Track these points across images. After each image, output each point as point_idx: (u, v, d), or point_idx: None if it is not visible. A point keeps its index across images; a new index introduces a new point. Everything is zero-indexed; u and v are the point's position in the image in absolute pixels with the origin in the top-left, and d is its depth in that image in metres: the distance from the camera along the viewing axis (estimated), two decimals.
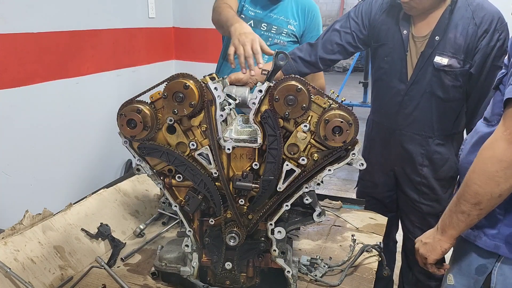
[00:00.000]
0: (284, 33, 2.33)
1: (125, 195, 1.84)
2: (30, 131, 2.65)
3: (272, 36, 2.34)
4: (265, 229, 1.28)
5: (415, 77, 1.94)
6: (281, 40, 2.34)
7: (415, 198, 2.11)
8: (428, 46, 1.90)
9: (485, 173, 1.10)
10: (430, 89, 1.93)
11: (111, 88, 3.20)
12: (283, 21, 2.33)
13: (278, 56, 1.31)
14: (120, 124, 1.20)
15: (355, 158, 1.18)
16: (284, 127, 1.20)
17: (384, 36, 2.02)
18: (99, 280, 1.41)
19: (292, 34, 2.34)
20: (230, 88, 1.55)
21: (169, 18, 3.83)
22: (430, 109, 1.96)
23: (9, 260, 1.32)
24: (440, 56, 1.87)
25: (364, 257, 1.55)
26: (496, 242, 1.20)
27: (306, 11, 2.34)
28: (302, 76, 2.15)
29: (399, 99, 2.00)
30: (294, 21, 2.33)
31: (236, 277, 1.35)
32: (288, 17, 2.33)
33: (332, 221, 1.85)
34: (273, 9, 2.35)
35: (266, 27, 2.35)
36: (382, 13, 2.02)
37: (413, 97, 1.97)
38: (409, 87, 1.96)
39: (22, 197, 2.62)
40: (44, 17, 2.64)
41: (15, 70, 2.51)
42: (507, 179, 1.07)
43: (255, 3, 2.35)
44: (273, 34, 2.35)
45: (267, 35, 2.35)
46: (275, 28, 2.35)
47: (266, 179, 1.21)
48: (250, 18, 2.37)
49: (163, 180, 1.28)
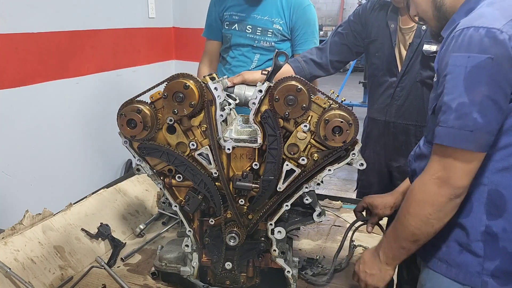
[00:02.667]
0: (269, 33, 2.31)
1: (125, 195, 1.84)
2: (30, 131, 2.65)
3: (258, 38, 2.34)
4: (265, 229, 1.28)
5: (405, 68, 1.99)
6: (267, 42, 2.33)
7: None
8: (415, 36, 1.95)
9: (419, 216, 1.14)
10: (420, 78, 1.97)
11: (111, 88, 3.20)
12: (268, 21, 2.31)
13: (278, 56, 1.31)
14: (120, 124, 1.20)
15: (355, 158, 1.18)
16: (284, 127, 1.20)
17: (375, 32, 2.08)
18: (99, 280, 1.41)
19: (279, 33, 2.31)
20: (241, 87, 1.56)
21: (169, 18, 3.83)
22: (421, 98, 2.00)
23: (9, 260, 1.32)
24: (428, 44, 1.92)
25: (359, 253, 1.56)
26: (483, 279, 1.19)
27: (292, 8, 2.30)
28: (314, 79, 2.19)
29: (391, 92, 2.05)
30: (280, 20, 2.30)
31: (236, 277, 1.35)
32: (273, 16, 2.30)
33: (332, 221, 1.85)
34: (256, 10, 2.33)
35: (251, 29, 2.34)
36: (374, 11, 2.10)
37: (404, 88, 2.01)
38: (400, 79, 2.01)
39: (22, 197, 2.62)
40: (44, 17, 2.64)
41: (15, 70, 2.51)
42: (440, 220, 1.12)
43: (238, 6, 2.36)
44: (258, 36, 2.34)
45: (252, 37, 2.35)
46: (260, 29, 2.33)
47: (266, 179, 1.21)
48: (234, 22, 2.38)
49: (163, 180, 1.28)
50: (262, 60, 2.38)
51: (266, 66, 2.38)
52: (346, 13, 13.67)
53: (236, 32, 2.39)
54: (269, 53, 2.35)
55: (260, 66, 2.37)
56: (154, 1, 3.57)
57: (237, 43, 2.40)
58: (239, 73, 1.67)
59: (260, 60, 2.38)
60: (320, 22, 14.67)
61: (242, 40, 2.38)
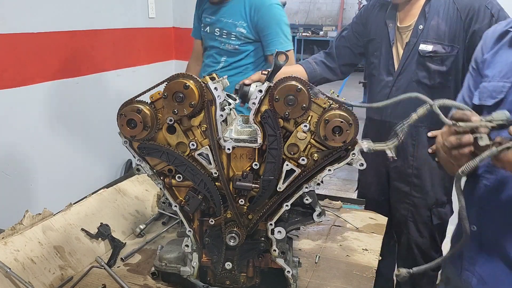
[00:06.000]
0: (233, 36, 2.33)
1: (125, 195, 1.84)
2: (30, 131, 2.65)
3: (224, 40, 2.36)
4: (265, 229, 1.28)
5: (401, 68, 2.00)
6: (231, 45, 2.35)
7: (406, 191, 2.13)
8: (412, 35, 1.96)
9: None
10: (416, 78, 1.98)
11: (111, 88, 3.20)
12: (232, 24, 2.32)
13: (278, 56, 1.31)
14: (120, 124, 1.20)
15: (355, 158, 1.18)
16: (284, 127, 1.20)
17: (374, 31, 2.09)
18: (99, 280, 1.40)
19: (242, 36, 2.32)
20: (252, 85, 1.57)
21: (169, 18, 3.84)
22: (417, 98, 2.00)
23: (9, 260, 1.32)
24: (425, 43, 1.93)
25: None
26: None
27: (253, 9, 2.28)
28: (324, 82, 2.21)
29: (387, 91, 2.06)
30: (243, 22, 2.30)
31: (236, 277, 1.35)
32: (237, 19, 2.31)
33: (332, 221, 1.85)
34: (222, 13, 2.35)
35: (219, 31, 2.38)
36: (374, 9, 2.12)
37: (400, 87, 2.02)
38: (396, 78, 2.02)
39: (22, 197, 2.62)
40: (44, 17, 2.64)
41: (15, 70, 2.51)
42: None
43: (210, 8, 2.40)
44: (224, 38, 2.36)
45: (220, 40, 2.38)
46: (226, 32, 2.36)
47: (266, 179, 1.21)
48: (207, 24, 2.42)
49: (163, 180, 1.28)
50: (228, 62, 2.42)
51: (233, 68, 2.41)
52: (346, 13, 13.66)
53: (207, 34, 2.45)
54: (234, 56, 2.39)
55: (227, 67, 2.41)
56: (154, 1, 3.58)
57: (209, 45, 2.48)
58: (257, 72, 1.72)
59: (226, 62, 2.41)
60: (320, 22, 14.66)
61: (212, 42, 2.44)
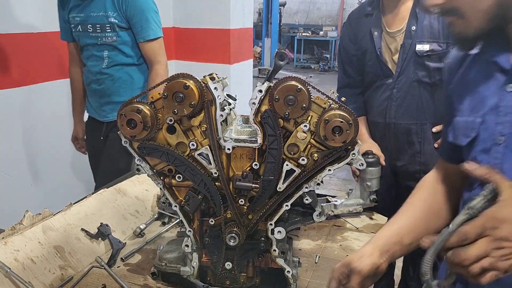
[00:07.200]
0: (108, 28, 2.31)
1: (125, 195, 1.84)
2: (30, 131, 2.65)
3: (99, 35, 2.34)
4: (265, 229, 1.28)
5: (400, 69, 2.01)
6: (108, 37, 2.33)
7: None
8: (406, 37, 1.98)
9: None
10: (417, 77, 2.00)
11: None
12: (103, 16, 2.31)
13: (278, 56, 1.31)
14: (120, 124, 1.20)
15: (355, 158, 1.18)
16: (284, 127, 1.20)
17: (364, 43, 2.12)
18: (99, 280, 1.40)
19: (117, 25, 2.32)
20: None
21: (169, 18, 3.83)
22: (419, 97, 2.02)
23: (9, 260, 1.32)
24: (421, 44, 1.95)
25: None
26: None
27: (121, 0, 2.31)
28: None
29: (388, 93, 2.07)
30: (113, 13, 2.31)
31: (236, 277, 1.35)
32: (107, 11, 2.30)
33: (332, 221, 1.85)
34: (91, 8, 2.34)
35: (91, 28, 2.35)
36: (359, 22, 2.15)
37: (401, 88, 2.03)
38: (395, 80, 2.04)
39: (22, 197, 2.62)
40: (44, 17, 2.64)
41: (15, 70, 2.51)
42: None
43: (77, 7, 2.37)
44: (99, 33, 2.34)
45: (95, 35, 2.35)
46: (99, 26, 2.34)
47: (266, 179, 1.21)
48: (78, 23, 2.38)
49: (163, 180, 1.28)
50: (112, 56, 2.38)
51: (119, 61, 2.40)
52: (346, 13, 13.65)
53: (81, 34, 2.40)
54: (115, 50, 2.37)
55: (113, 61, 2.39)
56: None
57: (85, 44, 2.42)
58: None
59: (110, 56, 2.38)
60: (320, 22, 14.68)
61: (88, 40, 2.39)
